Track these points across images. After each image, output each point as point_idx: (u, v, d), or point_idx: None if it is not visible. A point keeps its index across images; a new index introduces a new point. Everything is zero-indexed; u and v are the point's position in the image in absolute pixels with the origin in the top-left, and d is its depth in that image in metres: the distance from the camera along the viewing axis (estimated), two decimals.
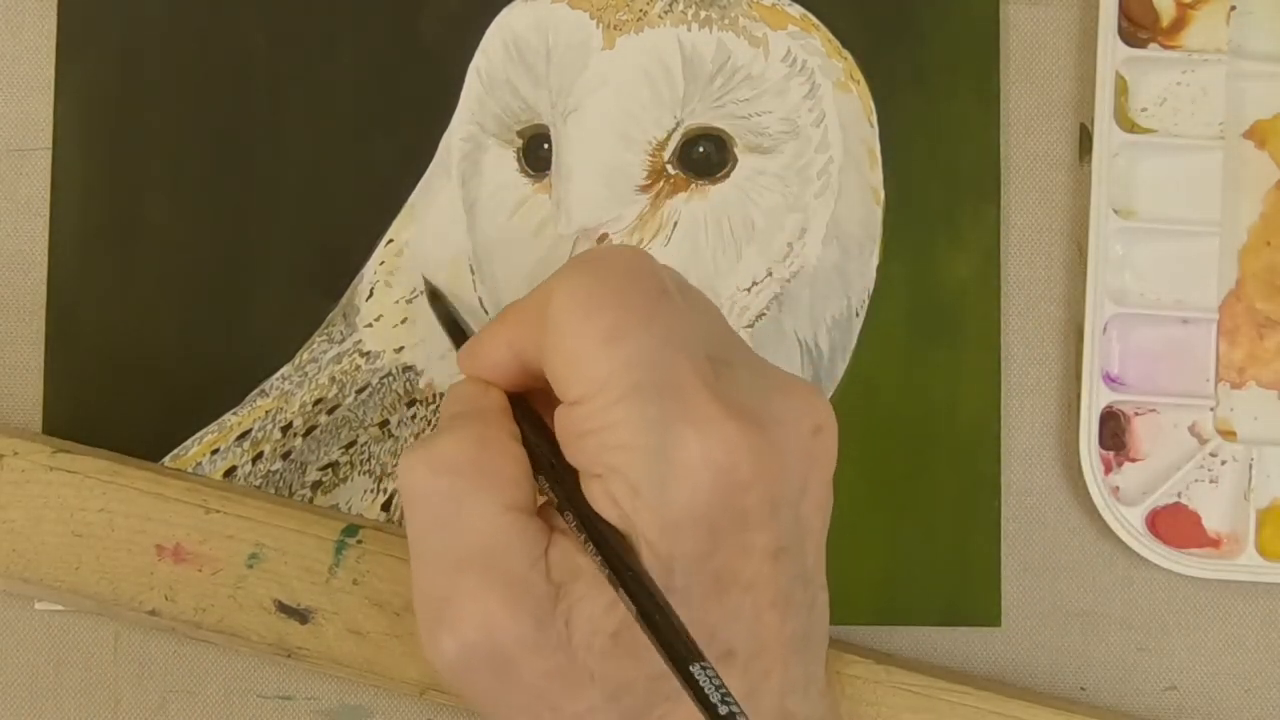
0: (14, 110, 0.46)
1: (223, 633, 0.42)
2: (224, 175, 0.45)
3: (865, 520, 0.44)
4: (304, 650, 0.41)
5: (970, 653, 0.44)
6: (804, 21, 0.45)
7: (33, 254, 0.45)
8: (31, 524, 0.42)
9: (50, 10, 0.46)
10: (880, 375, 0.44)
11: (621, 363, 0.31)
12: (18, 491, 0.42)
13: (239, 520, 0.42)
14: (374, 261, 0.45)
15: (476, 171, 0.45)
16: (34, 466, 0.42)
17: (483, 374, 0.36)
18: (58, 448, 0.42)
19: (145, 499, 0.42)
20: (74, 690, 0.44)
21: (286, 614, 0.41)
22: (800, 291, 0.44)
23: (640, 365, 0.31)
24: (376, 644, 0.41)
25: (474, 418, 0.34)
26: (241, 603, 0.42)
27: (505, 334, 0.35)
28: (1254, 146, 0.45)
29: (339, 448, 0.44)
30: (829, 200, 0.45)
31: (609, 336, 0.32)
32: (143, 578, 0.42)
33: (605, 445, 0.32)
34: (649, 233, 0.44)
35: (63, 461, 0.42)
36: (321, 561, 0.42)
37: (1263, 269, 0.45)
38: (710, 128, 0.44)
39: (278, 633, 0.41)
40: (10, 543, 0.42)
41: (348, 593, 0.41)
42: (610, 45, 0.44)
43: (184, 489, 0.42)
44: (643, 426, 0.31)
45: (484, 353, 0.36)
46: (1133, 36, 0.45)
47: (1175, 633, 0.44)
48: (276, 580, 0.42)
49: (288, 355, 0.45)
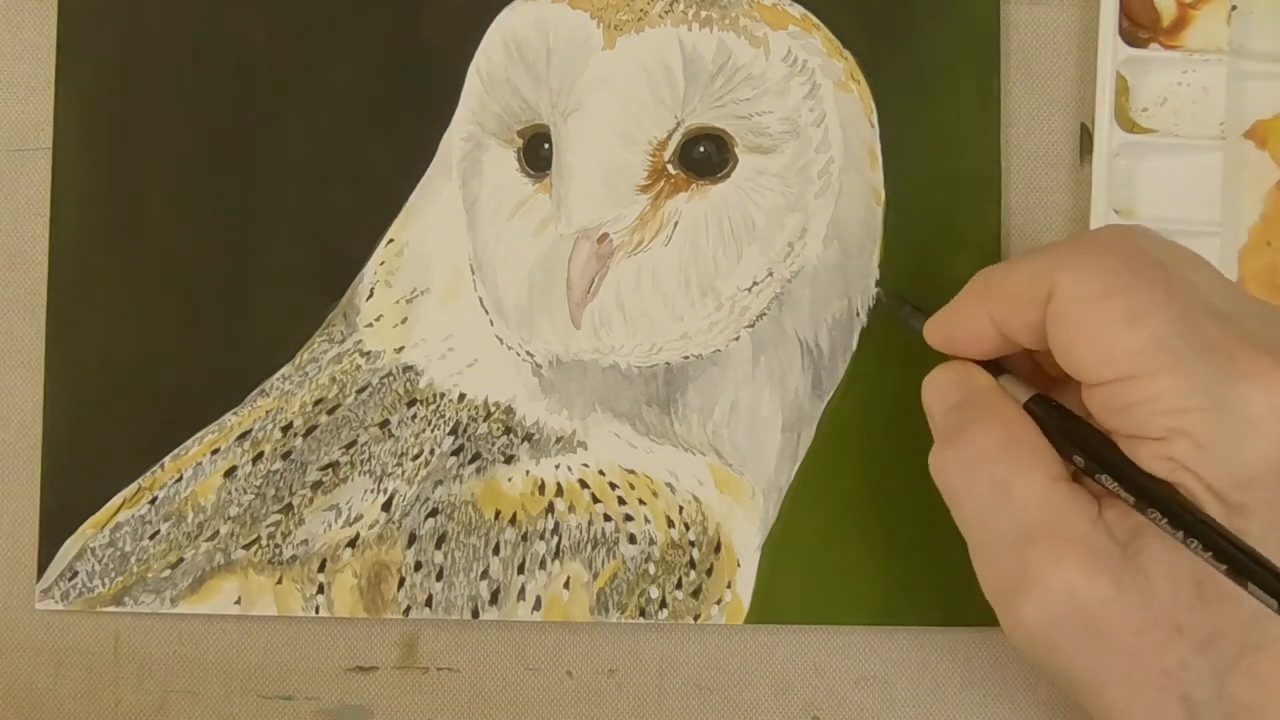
0: (14, 110, 0.46)
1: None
2: (224, 175, 0.45)
3: (866, 520, 0.44)
4: None
5: (970, 653, 0.44)
6: (805, 21, 0.45)
7: (33, 254, 0.45)
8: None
9: (50, 10, 0.46)
10: (881, 375, 0.44)
11: (1150, 340, 0.33)
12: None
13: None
14: (374, 261, 0.45)
15: (477, 171, 0.45)
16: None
17: (958, 343, 0.38)
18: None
19: None
20: (74, 690, 0.44)
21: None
22: (801, 291, 0.44)
23: (1171, 337, 0.33)
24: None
25: (979, 403, 0.37)
26: None
27: (986, 307, 0.37)
28: (1254, 146, 0.45)
29: (339, 448, 0.44)
30: (829, 200, 0.45)
31: (1130, 318, 0.34)
32: None
33: (1158, 412, 0.33)
34: (649, 233, 0.44)
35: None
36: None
37: (1263, 269, 0.45)
38: (711, 128, 0.44)
39: None
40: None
41: None
42: (611, 45, 0.44)
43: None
44: (1197, 390, 0.33)
45: (962, 324, 0.38)
46: (1133, 36, 0.45)
47: None
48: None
49: (288, 355, 0.45)
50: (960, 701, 0.44)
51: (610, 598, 0.44)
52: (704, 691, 0.45)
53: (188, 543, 0.44)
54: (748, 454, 0.44)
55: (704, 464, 0.44)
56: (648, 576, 0.44)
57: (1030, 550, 0.34)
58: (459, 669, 0.45)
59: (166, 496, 0.44)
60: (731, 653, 0.45)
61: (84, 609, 0.44)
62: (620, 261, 0.44)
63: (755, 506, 0.44)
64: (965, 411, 0.37)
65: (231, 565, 0.44)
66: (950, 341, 0.38)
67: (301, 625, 0.45)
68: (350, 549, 0.44)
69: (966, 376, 0.38)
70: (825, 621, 0.44)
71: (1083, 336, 0.34)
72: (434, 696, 0.45)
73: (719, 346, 0.44)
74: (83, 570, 0.44)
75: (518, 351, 0.45)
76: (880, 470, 0.44)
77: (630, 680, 0.45)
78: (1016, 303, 0.36)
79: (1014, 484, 0.35)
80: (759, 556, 0.44)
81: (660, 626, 0.44)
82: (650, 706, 0.45)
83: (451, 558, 0.44)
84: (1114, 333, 0.34)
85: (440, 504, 0.44)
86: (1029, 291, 0.36)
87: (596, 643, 0.45)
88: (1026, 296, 0.36)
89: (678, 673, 0.45)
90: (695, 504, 0.44)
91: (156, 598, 0.44)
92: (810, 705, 0.45)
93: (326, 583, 0.44)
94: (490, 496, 0.44)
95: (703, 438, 0.44)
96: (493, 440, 0.44)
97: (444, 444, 0.44)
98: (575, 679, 0.45)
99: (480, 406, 0.45)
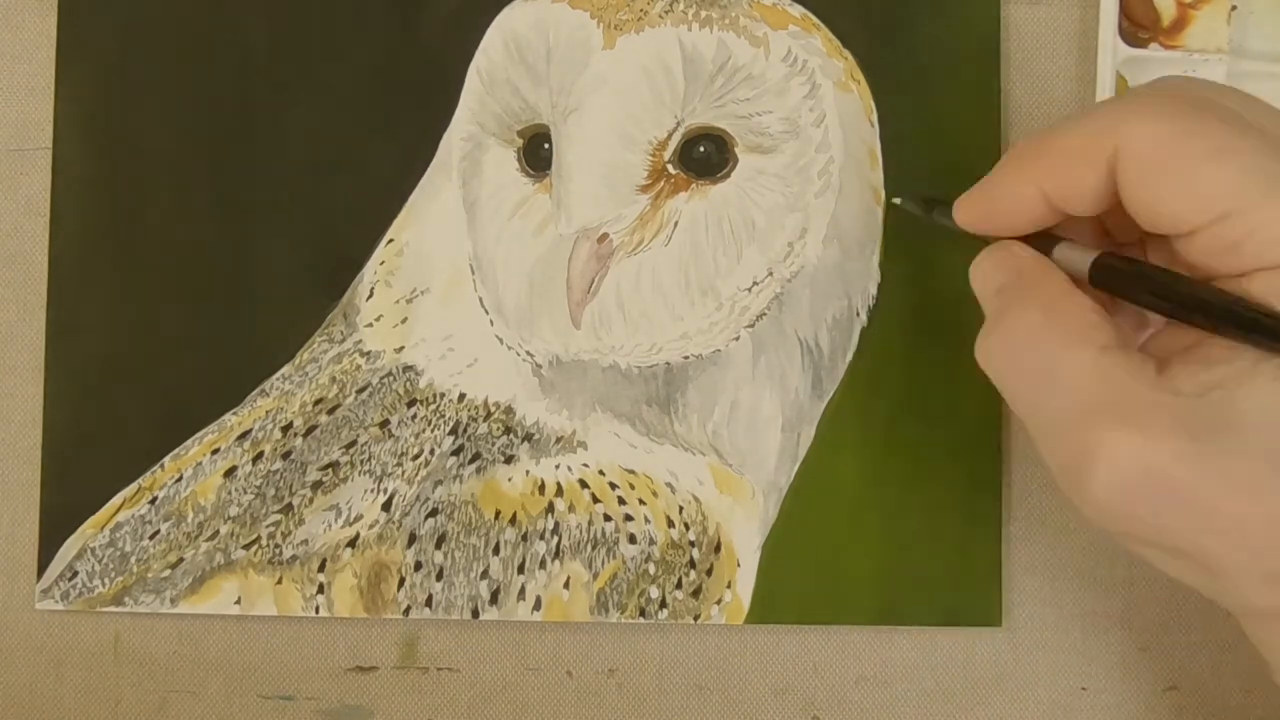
0: (14, 110, 0.46)
1: None
2: (224, 175, 0.45)
3: (866, 520, 0.44)
4: None
5: (971, 653, 0.44)
6: (805, 21, 0.45)
7: (33, 254, 0.45)
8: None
9: (50, 10, 0.46)
10: (881, 375, 0.44)
11: (1241, 170, 0.32)
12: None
13: None
14: (374, 261, 0.45)
15: (477, 171, 0.45)
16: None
17: (997, 219, 0.36)
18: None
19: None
20: (74, 690, 0.44)
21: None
22: (801, 291, 0.44)
23: (1261, 166, 0.32)
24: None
25: (1021, 283, 0.35)
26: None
27: (1033, 176, 0.35)
28: None
29: (339, 448, 0.44)
30: (829, 200, 0.45)
31: (1215, 154, 0.32)
32: None
33: (1269, 241, 0.32)
34: (649, 232, 0.44)
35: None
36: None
37: None
38: (711, 127, 0.44)
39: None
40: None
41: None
42: (611, 45, 0.44)
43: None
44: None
45: (1004, 196, 0.36)
46: (1133, 36, 0.45)
47: (1175, 633, 0.44)
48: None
49: (288, 355, 0.45)
50: (960, 701, 0.44)
51: (610, 598, 0.44)
52: (704, 691, 0.45)
53: (188, 543, 0.44)
54: (748, 454, 0.44)
55: (704, 464, 0.44)
56: (648, 576, 0.44)
57: (1090, 425, 0.32)
58: (459, 669, 0.45)
59: (166, 496, 0.44)
60: (731, 653, 0.45)
61: (84, 609, 0.44)
62: (620, 261, 0.44)
63: (755, 506, 0.44)
64: (1007, 294, 0.35)
65: (231, 565, 0.44)
66: (989, 218, 0.37)
67: (301, 625, 0.45)
68: (350, 549, 0.44)
69: (1009, 256, 0.36)
70: (825, 621, 0.44)
71: (1168, 183, 0.33)
72: (434, 696, 0.45)
73: (719, 346, 0.44)
74: (83, 570, 0.44)
75: (518, 351, 0.45)
76: (880, 470, 0.44)
77: (630, 680, 0.45)
78: (1073, 165, 0.34)
79: (1061, 362, 0.33)
80: (759, 556, 0.44)
81: (660, 626, 0.44)
82: (650, 706, 0.45)
83: (451, 558, 0.44)
84: (1202, 172, 0.32)
85: (440, 504, 0.44)
86: (1090, 151, 0.34)
87: (596, 643, 0.45)
88: (1086, 157, 0.34)
89: (678, 673, 0.45)
90: (695, 504, 0.44)
91: (156, 598, 0.44)
92: (810, 705, 0.45)
93: (326, 583, 0.44)
94: (490, 496, 0.44)
95: (703, 438, 0.44)
96: (493, 440, 0.44)
97: (444, 444, 0.44)
98: (575, 679, 0.45)
99: (480, 406, 0.45)
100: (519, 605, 0.44)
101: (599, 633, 0.45)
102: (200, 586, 0.44)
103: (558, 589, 0.44)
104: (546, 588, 0.44)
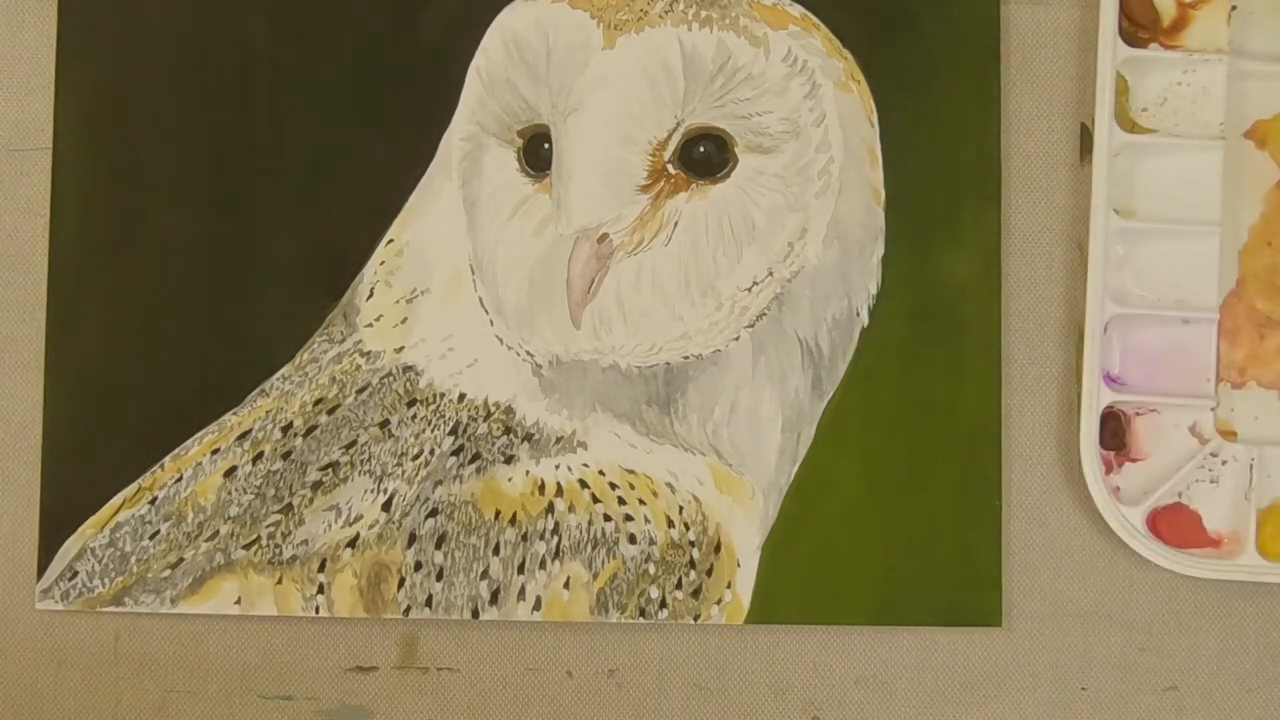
0: (14, 110, 0.46)
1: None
2: (224, 175, 0.45)
3: (865, 520, 0.44)
4: None
5: (971, 653, 0.44)
6: (805, 21, 0.45)
7: (33, 254, 0.45)
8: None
9: (50, 10, 0.46)
10: (881, 375, 0.44)
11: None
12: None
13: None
14: (374, 261, 0.45)
15: (477, 171, 0.45)
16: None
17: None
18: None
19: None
20: (74, 690, 0.44)
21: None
22: (801, 291, 0.44)
23: None
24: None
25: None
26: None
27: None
28: (1254, 146, 0.45)
29: (339, 448, 0.44)
30: (829, 200, 0.44)
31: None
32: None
33: None
34: (650, 232, 0.44)
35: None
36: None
37: (1263, 269, 0.45)
38: (711, 127, 0.44)
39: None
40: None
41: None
42: (611, 45, 0.44)
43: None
44: None
45: None
46: (1133, 36, 0.45)
47: (1175, 633, 0.44)
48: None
49: (288, 355, 0.45)
50: (960, 701, 0.44)
51: (610, 598, 0.44)
52: (704, 691, 0.45)
53: (188, 543, 0.44)
54: (748, 454, 0.44)
55: (704, 464, 0.44)
56: (648, 576, 0.44)
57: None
58: (459, 669, 0.45)
59: (166, 496, 0.44)
60: (731, 653, 0.45)
61: (84, 609, 0.44)
62: (620, 261, 0.44)
63: (755, 506, 0.44)
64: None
65: (231, 565, 0.44)
66: None
67: (301, 625, 0.45)
68: (350, 549, 0.44)
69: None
70: (825, 621, 0.44)
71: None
72: (434, 696, 0.45)
73: (719, 346, 0.44)
74: (83, 570, 0.44)
75: (518, 351, 0.45)
76: (880, 470, 0.44)
77: (630, 680, 0.45)
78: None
79: None
80: (759, 556, 0.44)
81: (660, 626, 0.44)
82: (650, 706, 0.45)
83: (451, 558, 0.44)
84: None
85: (440, 504, 0.44)
86: None
87: (596, 643, 0.45)
88: None
89: (678, 673, 0.45)
90: (695, 504, 0.44)
91: (156, 598, 0.44)
92: (810, 705, 0.45)
93: (326, 583, 0.44)
94: (490, 496, 0.44)
95: (703, 438, 0.44)
96: (493, 440, 0.44)
97: (444, 444, 0.44)
98: (575, 679, 0.45)
99: (480, 406, 0.45)
100: (519, 605, 0.44)
101: (599, 633, 0.45)
102: (200, 586, 0.44)
103: (558, 589, 0.44)
104: (546, 588, 0.44)
